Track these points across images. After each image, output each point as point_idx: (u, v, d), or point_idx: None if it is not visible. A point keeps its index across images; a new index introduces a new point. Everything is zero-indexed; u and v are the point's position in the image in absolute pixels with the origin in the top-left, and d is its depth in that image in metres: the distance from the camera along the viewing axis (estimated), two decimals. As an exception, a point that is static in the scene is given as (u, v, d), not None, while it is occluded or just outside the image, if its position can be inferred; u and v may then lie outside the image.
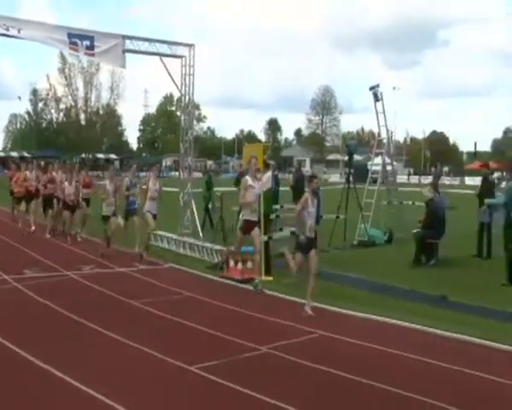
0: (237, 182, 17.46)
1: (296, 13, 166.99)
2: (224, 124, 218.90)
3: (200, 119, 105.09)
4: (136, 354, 6.30)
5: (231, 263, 10.85)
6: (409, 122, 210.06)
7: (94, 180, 17.84)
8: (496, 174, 29.80)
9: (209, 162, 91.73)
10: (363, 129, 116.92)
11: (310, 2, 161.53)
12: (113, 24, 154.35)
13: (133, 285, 10.06)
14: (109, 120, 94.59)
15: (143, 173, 44.14)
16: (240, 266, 10.75)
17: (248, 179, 9.97)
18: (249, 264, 10.77)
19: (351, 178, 15.34)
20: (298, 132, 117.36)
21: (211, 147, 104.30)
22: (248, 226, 9.85)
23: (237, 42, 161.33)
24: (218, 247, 12.25)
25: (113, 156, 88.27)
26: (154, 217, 12.46)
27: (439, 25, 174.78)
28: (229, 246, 11.50)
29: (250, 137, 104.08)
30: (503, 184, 12.85)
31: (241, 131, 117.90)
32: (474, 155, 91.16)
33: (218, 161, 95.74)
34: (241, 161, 24.22)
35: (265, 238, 10.78)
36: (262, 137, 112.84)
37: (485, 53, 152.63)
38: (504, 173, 19.48)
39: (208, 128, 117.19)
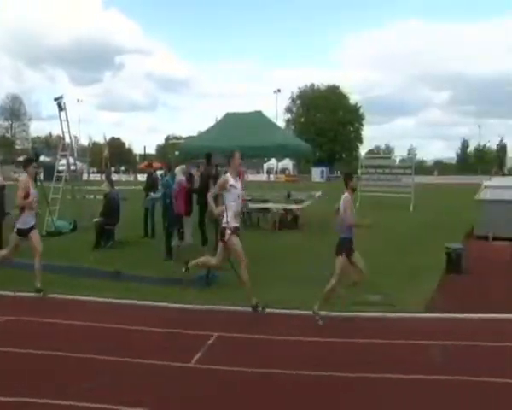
0: None
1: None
2: None
3: None
4: None
5: None
6: (92, 129, 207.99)
7: None
8: (159, 172, 31.41)
9: None
10: (51, 134, 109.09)
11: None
12: None
13: None
14: None
15: None
16: None
17: (230, 178, 6.88)
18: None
19: (39, 177, 14.20)
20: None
21: None
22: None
23: None
24: None
25: None
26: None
27: (116, 51, 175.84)
28: None
29: None
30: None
31: None
32: (144, 157, 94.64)
33: None
34: None
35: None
36: None
37: (151, 77, 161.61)
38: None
39: None
